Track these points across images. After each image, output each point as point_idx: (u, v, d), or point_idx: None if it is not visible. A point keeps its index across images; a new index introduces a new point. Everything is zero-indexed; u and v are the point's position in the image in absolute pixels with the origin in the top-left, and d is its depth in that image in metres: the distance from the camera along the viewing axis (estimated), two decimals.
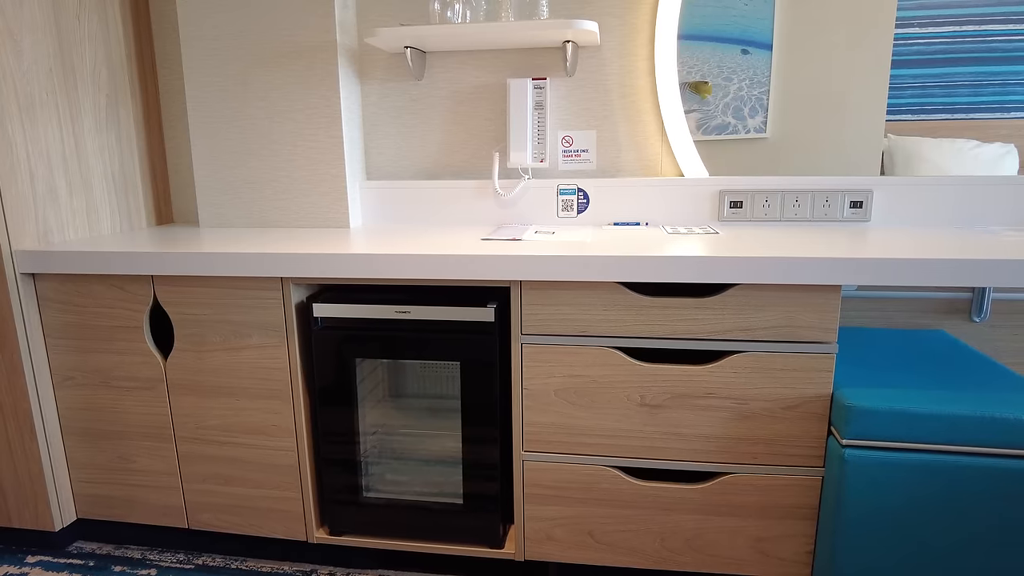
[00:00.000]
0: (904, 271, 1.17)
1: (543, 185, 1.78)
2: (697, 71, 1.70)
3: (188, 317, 1.44)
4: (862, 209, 1.66)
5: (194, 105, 1.77)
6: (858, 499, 1.20)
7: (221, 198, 1.82)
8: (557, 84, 1.76)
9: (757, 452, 1.30)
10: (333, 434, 1.45)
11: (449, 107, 1.81)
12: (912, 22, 1.62)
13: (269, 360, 1.43)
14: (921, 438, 1.17)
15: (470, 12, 1.64)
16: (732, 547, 1.36)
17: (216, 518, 1.55)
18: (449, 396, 1.66)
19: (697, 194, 1.72)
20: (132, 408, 1.52)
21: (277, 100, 1.73)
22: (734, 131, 1.72)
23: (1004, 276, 1.15)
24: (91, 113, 1.66)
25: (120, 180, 1.77)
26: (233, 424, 1.48)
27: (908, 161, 1.68)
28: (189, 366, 1.47)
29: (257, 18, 1.70)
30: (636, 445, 1.34)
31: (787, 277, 1.20)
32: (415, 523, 1.47)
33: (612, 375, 1.31)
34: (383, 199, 1.85)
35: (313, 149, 1.75)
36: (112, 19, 1.72)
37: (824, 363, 1.24)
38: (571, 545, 1.41)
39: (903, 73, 1.64)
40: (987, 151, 1.65)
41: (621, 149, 1.77)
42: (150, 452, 1.54)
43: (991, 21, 1.59)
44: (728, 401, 1.29)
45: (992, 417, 1.14)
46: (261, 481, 1.50)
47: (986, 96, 1.62)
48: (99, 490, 1.60)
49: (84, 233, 1.66)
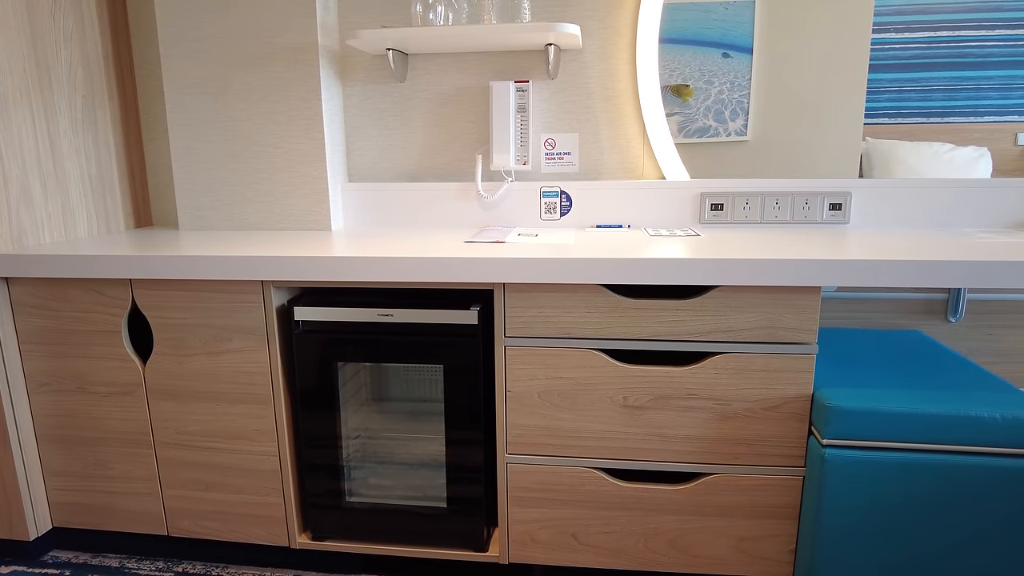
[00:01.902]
0: (882, 272, 1.19)
1: (526, 187, 1.78)
2: (678, 74, 1.71)
3: (167, 321, 1.42)
4: (841, 211, 1.69)
5: (173, 106, 1.75)
6: (839, 498, 1.22)
7: (201, 200, 1.80)
8: (539, 87, 1.76)
9: (739, 452, 1.31)
10: (315, 438, 1.44)
11: (432, 109, 1.81)
12: (888, 27, 1.64)
13: (250, 364, 1.41)
14: (900, 437, 1.18)
15: (452, 14, 1.64)
16: (715, 547, 1.37)
17: (196, 524, 1.53)
18: (432, 399, 1.65)
19: (678, 197, 1.73)
20: (110, 414, 1.50)
21: (258, 102, 1.72)
22: (715, 134, 1.73)
23: (977, 277, 1.17)
24: (67, 114, 1.64)
25: (97, 182, 1.74)
26: (214, 429, 1.46)
27: (886, 164, 1.71)
28: (169, 371, 1.45)
29: (238, 19, 1.68)
30: (619, 446, 1.34)
31: (767, 279, 1.21)
32: (399, 527, 1.46)
33: (595, 377, 1.32)
34: (365, 201, 1.84)
35: (294, 151, 1.73)
36: (88, 18, 1.70)
37: (804, 364, 1.26)
38: (555, 547, 1.41)
39: (880, 77, 1.66)
40: (962, 154, 1.68)
41: (603, 152, 1.78)
42: (128, 458, 1.52)
43: (964, 27, 1.63)
44: (710, 402, 1.30)
45: (968, 416, 1.16)
46: (242, 486, 1.49)
47: (960, 100, 1.66)
48: (75, 498, 1.57)
49: (60, 236, 1.63)
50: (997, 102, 1.65)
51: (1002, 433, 1.15)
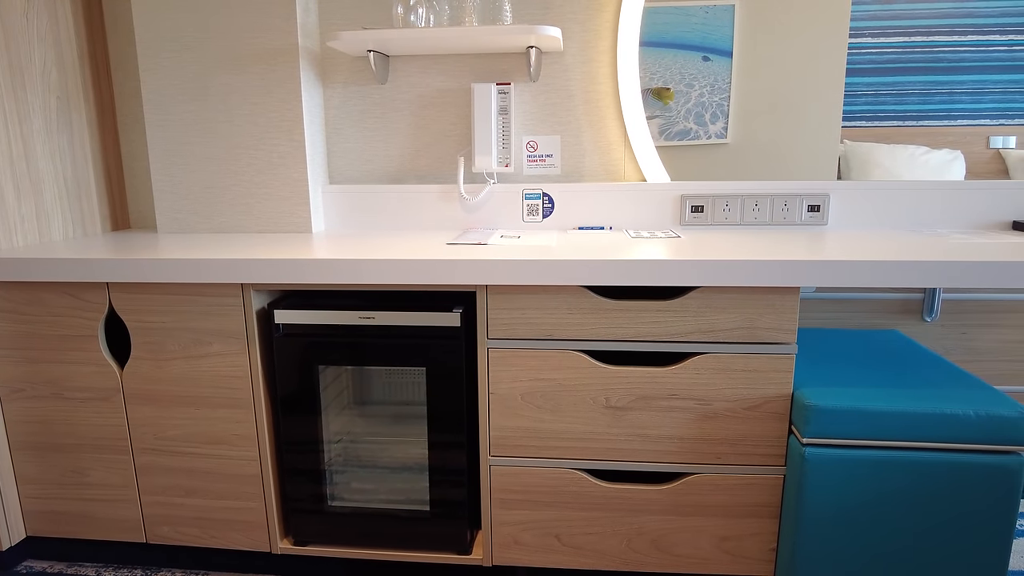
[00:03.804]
0: (859, 273, 1.21)
1: (508, 190, 1.78)
2: (659, 77, 1.73)
3: (145, 325, 1.40)
4: (819, 213, 1.71)
5: (151, 107, 1.73)
6: (818, 496, 1.23)
7: (180, 203, 1.78)
8: (521, 89, 1.77)
9: (720, 452, 1.32)
10: (296, 443, 1.43)
11: (413, 111, 1.81)
12: (864, 32, 1.67)
13: (230, 368, 1.40)
14: (878, 435, 1.20)
15: (434, 16, 1.64)
16: (697, 547, 1.37)
17: (175, 531, 1.51)
18: (415, 402, 1.64)
19: (659, 199, 1.75)
20: (86, 420, 1.47)
21: (238, 103, 1.70)
22: (695, 137, 1.75)
23: (952, 277, 1.20)
24: (41, 115, 1.61)
25: (73, 184, 1.72)
26: (193, 434, 1.44)
27: (863, 166, 1.73)
28: (147, 375, 1.43)
29: (217, 20, 1.66)
30: (602, 447, 1.35)
31: (747, 279, 1.22)
32: (381, 531, 1.45)
33: (578, 378, 1.32)
34: (346, 204, 1.83)
35: (274, 153, 1.72)
36: (63, 18, 1.67)
37: (784, 363, 1.27)
38: (538, 549, 1.41)
39: (857, 81, 1.69)
40: (936, 157, 1.71)
41: (585, 154, 1.78)
42: (105, 465, 1.49)
43: (937, 33, 1.66)
44: (691, 402, 1.31)
45: (944, 414, 1.18)
46: (223, 492, 1.47)
47: (934, 104, 1.69)
48: (50, 506, 1.54)
49: (34, 239, 1.60)
50: (969, 106, 1.68)
51: (976, 430, 1.17)
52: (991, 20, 1.64)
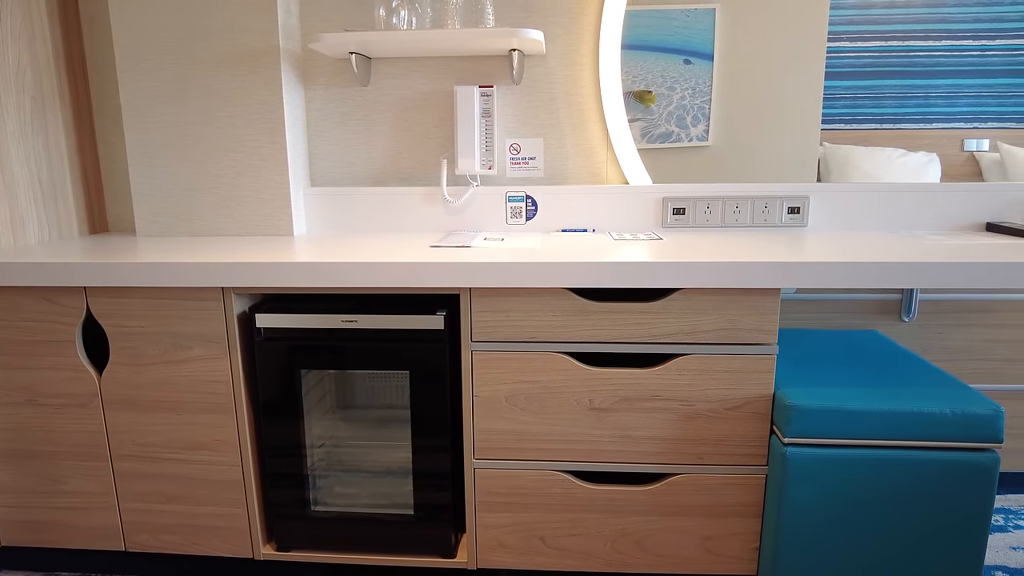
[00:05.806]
0: (838, 274, 1.22)
1: (492, 192, 1.78)
2: (641, 80, 1.74)
3: (124, 330, 1.38)
4: (799, 215, 1.73)
5: (129, 109, 1.70)
6: (800, 495, 1.24)
7: (159, 206, 1.75)
8: (504, 92, 1.77)
9: (703, 452, 1.33)
10: (279, 447, 1.42)
11: (396, 113, 1.80)
12: (843, 36, 1.69)
13: (211, 372, 1.38)
14: (858, 434, 1.22)
15: (416, 19, 1.64)
16: (681, 547, 1.38)
17: (156, 539, 1.49)
18: (398, 406, 1.64)
19: (642, 201, 1.76)
20: (63, 426, 1.45)
21: (218, 105, 1.68)
22: (677, 139, 1.76)
23: (929, 278, 1.22)
24: (15, 116, 1.58)
25: (48, 187, 1.69)
26: (174, 440, 1.43)
27: (842, 169, 1.76)
28: (126, 380, 1.41)
29: (196, 21, 1.65)
30: (586, 449, 1.35)
31: (728, 281, 1.23)
32: (365, 536, 1.44)
33: (561, 380, 1.32)
34: (328, 206, 1.82)
35: (255, 155, 1.70)
36: (38, 17, 1.64)
37: (765, 364, 1.28)
38: (523, 551, 1.41)
39: (836, 84, 1.72)
40: (913, 159, 1.74)
41: (568, 157, 1.79)
42: (83, 472, 1.47)
43: (913, 38, 1.69)
44: (674, 403, 1.32)
45: (922, 412, 1.20)
46: (204, 498, 1.45)
47: (911, 108, 1.72)
48: (26, 515, 1.51)
49: (8, 243, 1.57)
50: (944, 110, 1.71)
51: (953, 428, 1.19)
52: (964, 26, 1.67)
